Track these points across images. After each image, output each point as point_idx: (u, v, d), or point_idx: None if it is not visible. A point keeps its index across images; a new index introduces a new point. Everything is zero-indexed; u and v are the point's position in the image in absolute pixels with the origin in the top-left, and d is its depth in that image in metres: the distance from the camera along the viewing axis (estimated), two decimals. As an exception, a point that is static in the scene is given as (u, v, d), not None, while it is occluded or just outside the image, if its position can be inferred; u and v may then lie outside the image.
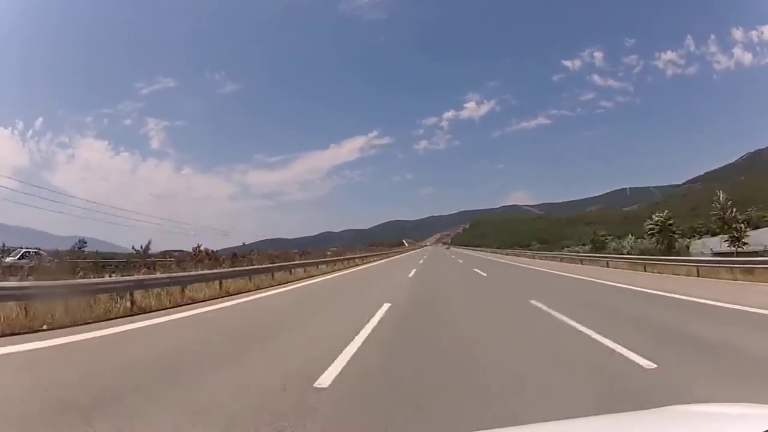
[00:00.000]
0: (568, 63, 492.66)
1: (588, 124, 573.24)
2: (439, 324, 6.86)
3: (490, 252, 61.24)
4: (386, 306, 8.17)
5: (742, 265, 13.56)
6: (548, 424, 1.84)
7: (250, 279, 13.22)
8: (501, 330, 6.31)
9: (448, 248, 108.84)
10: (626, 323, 6.46)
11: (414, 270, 21.12)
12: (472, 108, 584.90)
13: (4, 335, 5.73)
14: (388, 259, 39.54)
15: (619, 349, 4.70)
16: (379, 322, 6.65)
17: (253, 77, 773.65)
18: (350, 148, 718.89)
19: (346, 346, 4.95)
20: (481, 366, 4.31)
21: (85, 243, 24.67)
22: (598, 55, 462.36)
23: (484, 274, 18.23)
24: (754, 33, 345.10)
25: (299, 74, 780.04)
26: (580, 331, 5.77)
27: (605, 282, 13.35)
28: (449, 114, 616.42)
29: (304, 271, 20.29)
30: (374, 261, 36.34)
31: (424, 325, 6.77)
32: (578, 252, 35.45)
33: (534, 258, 36.35)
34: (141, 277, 9.64)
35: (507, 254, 50.11)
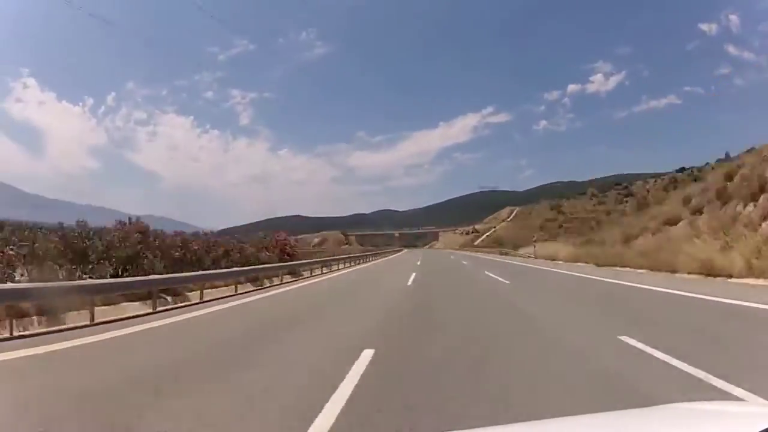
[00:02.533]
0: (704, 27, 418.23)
1: (723, 106, 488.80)
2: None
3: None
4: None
5: None
6: (548, 423, 1.81)
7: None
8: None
9: None
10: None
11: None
12: (600, 81, 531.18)
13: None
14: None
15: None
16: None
17: (348, 35, 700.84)
18: (462, 127, 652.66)
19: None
20: None
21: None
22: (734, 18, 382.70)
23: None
24: None
25: (404, 33, 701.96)
26: None
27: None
28: (574, 87, 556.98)
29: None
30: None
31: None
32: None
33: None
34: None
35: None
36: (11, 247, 8.94)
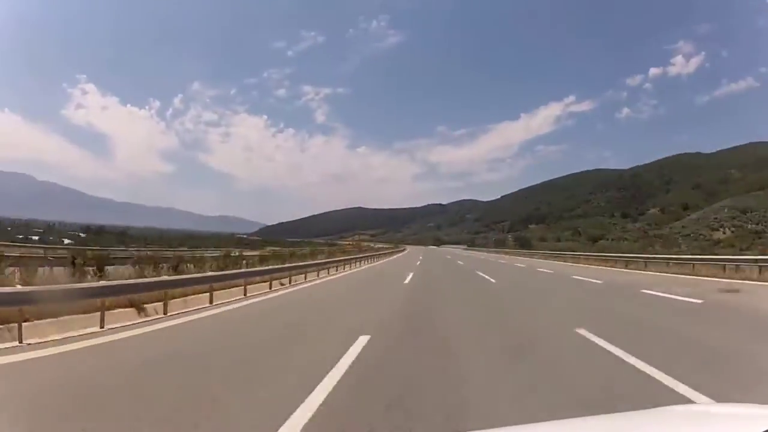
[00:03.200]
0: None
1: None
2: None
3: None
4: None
5: None
6: (547, 424, 1.86)
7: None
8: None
9: None
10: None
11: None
12: (681, 63, 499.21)
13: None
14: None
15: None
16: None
17: (421, 22, 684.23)
18: (545, 117, 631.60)
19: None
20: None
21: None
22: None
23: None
24: None
25: (481, 18, 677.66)
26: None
27: None
28: (656, 71, 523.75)
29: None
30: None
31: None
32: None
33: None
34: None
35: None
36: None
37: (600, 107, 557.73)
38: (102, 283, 7.90)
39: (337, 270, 22.15)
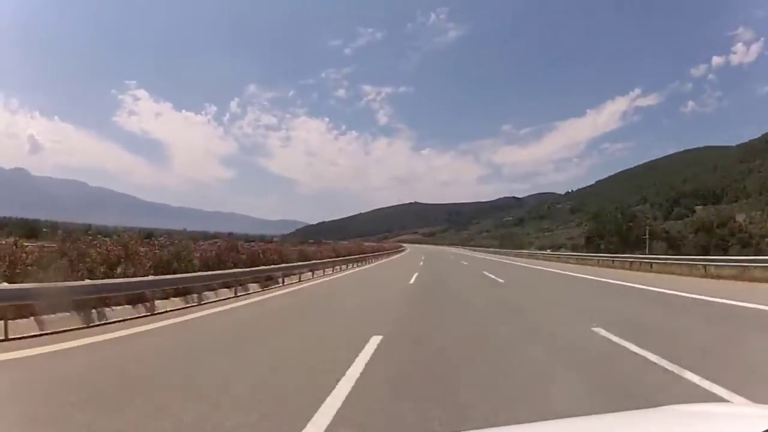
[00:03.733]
0: None
1: None
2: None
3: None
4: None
5: None
6: (548, 424, 1.91)
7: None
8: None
9: None
10: None
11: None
12: (741, 51, 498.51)
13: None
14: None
15: None
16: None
17: (482, 14, 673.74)
18: (611, 113, 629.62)
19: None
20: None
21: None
22: None
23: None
24: None
25: (542, 8, 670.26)
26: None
27: None
28: (718, 60, 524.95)
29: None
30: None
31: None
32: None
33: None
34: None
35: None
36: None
37: (666, 100, 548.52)
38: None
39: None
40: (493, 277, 19.88)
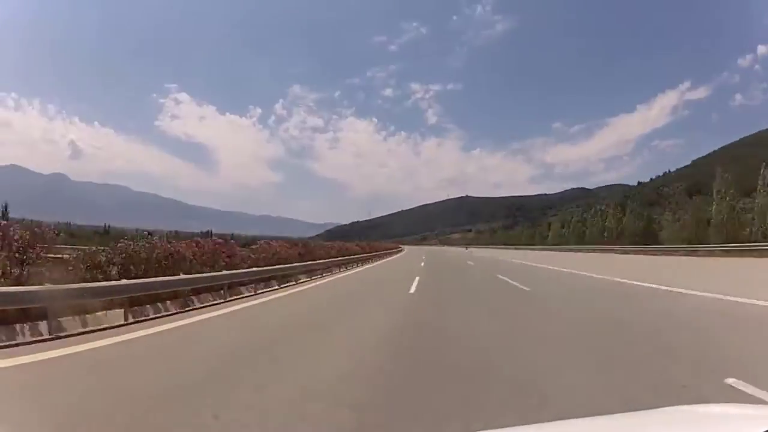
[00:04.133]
0: None
1: None
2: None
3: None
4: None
5: None
6: (548, 425, 1.94)
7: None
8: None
9: None
10: None
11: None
12: None
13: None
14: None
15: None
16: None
17: (528, 4, 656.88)
18: (660, 108, 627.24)
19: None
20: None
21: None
22: None
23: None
24: None
25: None
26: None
27: None
28: (763, 49, 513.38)
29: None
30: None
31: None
32: None
33: None
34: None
35: None
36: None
37: (715, 93, 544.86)
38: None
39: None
40: None
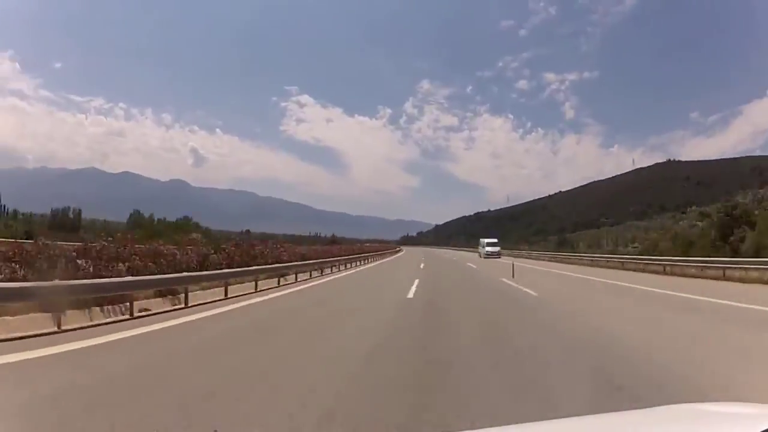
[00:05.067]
0: None
1: None
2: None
3: None
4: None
5: None
6: (547, 423, 1.95)
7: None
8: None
9: None
10: None
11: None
12: None
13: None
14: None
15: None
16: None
17: None
18: None
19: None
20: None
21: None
22: None
23: None
24: None
25: None
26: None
27: None
28: None
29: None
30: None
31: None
32: None
33: None
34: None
35: None
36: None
37: None
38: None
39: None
40: None
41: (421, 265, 33.63)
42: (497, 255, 51.85)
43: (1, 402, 4.40)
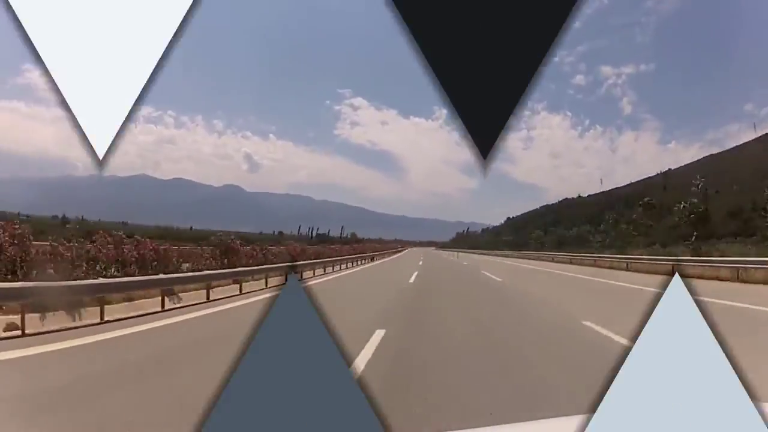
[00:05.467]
0: None
1: None
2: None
3: None
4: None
5: None
6: (547, 422, 1.82)
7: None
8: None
9: None
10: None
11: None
12: None
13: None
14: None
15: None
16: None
17: None
18: None
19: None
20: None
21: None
22: None
23: None
24: None
25: None
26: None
27: None
28: None
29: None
30: None
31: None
32: None
33: None
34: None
35: None
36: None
37: None
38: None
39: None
40: None
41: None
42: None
43: None
